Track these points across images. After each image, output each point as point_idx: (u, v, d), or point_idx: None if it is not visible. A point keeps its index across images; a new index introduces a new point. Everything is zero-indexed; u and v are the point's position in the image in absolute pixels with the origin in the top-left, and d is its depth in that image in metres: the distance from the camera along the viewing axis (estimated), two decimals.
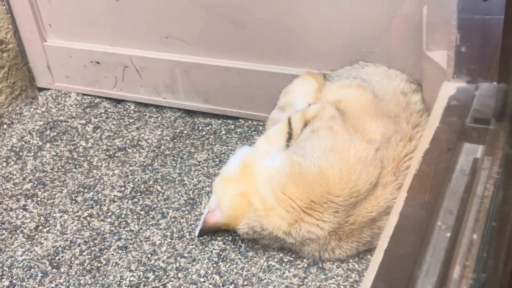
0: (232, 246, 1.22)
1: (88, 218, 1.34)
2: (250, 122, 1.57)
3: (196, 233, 1.23)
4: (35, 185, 1.45)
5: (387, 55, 1.30)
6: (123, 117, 1.66)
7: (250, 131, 1.55)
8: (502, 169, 0.82)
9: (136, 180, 1.42)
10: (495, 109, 0.89)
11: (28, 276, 1.20)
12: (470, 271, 0.73)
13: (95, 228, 1.31)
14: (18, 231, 1.32)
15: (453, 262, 0.74)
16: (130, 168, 1.47)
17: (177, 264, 1.19)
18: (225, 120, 1.60)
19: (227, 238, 1.24)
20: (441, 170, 0.86)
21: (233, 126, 1.58)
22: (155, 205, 1.35)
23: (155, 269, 1.19)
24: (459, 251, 0.75)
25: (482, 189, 0.82)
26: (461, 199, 0.81)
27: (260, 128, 1.52)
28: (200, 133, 1.57)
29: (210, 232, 1.23)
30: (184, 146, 1.53)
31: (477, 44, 0.96)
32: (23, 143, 1.58)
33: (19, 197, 1.41)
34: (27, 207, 1.38)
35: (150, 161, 1.48)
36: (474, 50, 0.95)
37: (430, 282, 0.71)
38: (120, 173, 1.45)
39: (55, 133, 1.61)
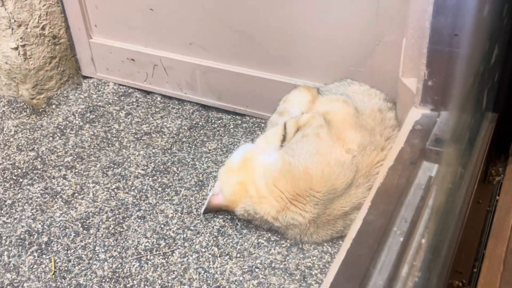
0: (230, 224, 1.23)
1: (115, 190, 1.35)
2: (254, 119, 1.56)
3: (202, 211, 1.24)
4: (74, 158, 1.46)
5: (370, 75, 1.30)
6: (150, 106, 1.66)
7: (254, 127, 1.54)
8: (451, 184, 0.83)
9: (157, 161, 1.43)
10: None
11: (63, 235, 1.22)
12: (416, 270, 0.74)
13: (120, 199, 1.32)
14: (58, 196, 1.33)
15: (402, 262, 0.75)
16: (153, 151, 1.47)
17: (184, 235, 1.21)
18: (234, 116, 1.59)
19: (226, 217, 1.24)
20: (402, 184, 0.86)
21: (240, 122, 1.57)
22: (170, 184, 1.36)
23: (166, 237, 1.20)
24: (409, 253, 0.76)
25: (433, 202, 0.83)
26: (415, 209, 0.81)
27: (262, 125, 1.52)
28: (213, 126, 1.56)
29: (213, 211, 1.24)
30: (198, 135, 1.52)
31: (442, 78, 0.96)
32: (67, 122, 1.58)
33: (60, 167, 1.42)
34: (66, 177, 1.39)
35: (169, 145, 1.49)
36: (439, 83, 0.95)
37: (382, 278, 0.72)
38: (144, 154, 1.46)
39: (94, 116, 1.61)
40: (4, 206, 1.30)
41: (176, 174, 1.39)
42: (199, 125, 1.56)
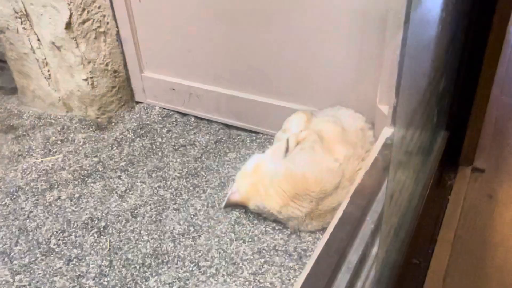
0: (244, 216, 1.24)
1: (157, 188, 1.36)
2: (265, 136, 1.56)
3: (223, 205, 1.26)
4: (127, 163, 1.47)
5: (355, 102, 1.30)
6: (186, 125, 1.66)
7: (265, 142, 1.54)
8: (411, 185, 0.84)
9: (189, 166, 1.44)
10: None
11: (116, 221, 1.24)
12: (383, 250, 0.76)
13: (161, 195, 1.33)
14: (114, 192, 1.35)
15: (373, 243, 0.76)
16: (187, 159, 1.48)
17: (209, 224, 1.22)
18: (250, 133, 1.58)
19: (242, 210, 1.25)
20: (375, 185, 0.88)
21: (254, 137, 1.57)
22: (199, 184, 1.37)
23: (194, 225, 1.22)
24: (378, 237, 0.77)
25: (396, 198, 0.84)
26: (383, 204, 0.83)
27: (271, 140, 1.50)
28: (233, 140, 1.57)
29: (231, 206, 1.25)
30: (222, 147, 1.53)
31: (405, 105, 0.98)
32: (123, 136, 1.60)
33: (116, 170, 1.44)
34: (121, 177, 1.41)
35: (199, 155, 1.49)
36: (403, 109, 0.97)
37: (356, 255, 0.73)
38: (180, 161, 1.47)
39: (143, 132, 1.63)
40: (73, 198, 1.33)
41: (204, 177, 1.40)
42: (222, 140, 1.57)
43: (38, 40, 1.59)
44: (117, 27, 1.63)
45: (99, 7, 1.56)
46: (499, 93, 1.34)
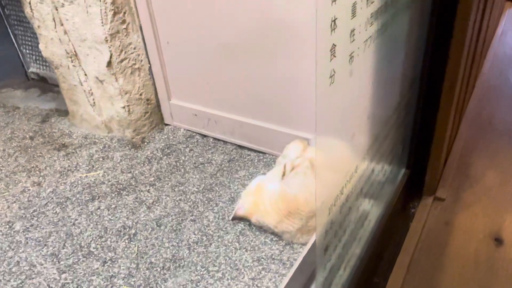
0: (248, 228, 1.29)
1: (178, 200, 1.42)
2: (271, 156, 1.60)
3: (230, 218, 1.31)
4: (155, 179, 1.54)
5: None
6: (205, 145, 1.72)
7: (270, 161, 1.58)
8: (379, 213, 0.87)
9: (206, 182, 1.50)
10: None
11: (144, 229, 1.31)
12: (350, 266, 0.80)
13: (181, 207, 1.39)
14: (143, 203, 1.42)
15: (344, 262, 0.81)
16: (204, 175, 1.54)
17: (218, 233, 1.28)
18: (258, 153, 1.63)
19: (246, 223, 1.31)
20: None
21: (262, 157, 1.61)
22: (213, 198, 1.42)
23: (207, 234, 1.28)
24: (346, 256, 0.82)
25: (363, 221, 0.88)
26: (355, 227, 0.87)
27: (275, 159, 1.53)
28: (244, 160, 1.61)
29: (238, 219, 1.31)
30: (234, 166, 1.58)
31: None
32: (153, 154, 1.68)
33: (146, 184, 1.51)
34: (149, 191, 1.48)
35: (215, 172, 1.55)
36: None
37: (331, 266, 0.78)
38: (199, 177, 1.53)
39: (169, 151, 1.70)
40: (110, 208, 1.42)
41: (217, 192, 1.45)
42: (235, 159, 1.62)
43: (85, 75, 1.71)
44: (149, 63, 1.72)
45: (134, 48, 1.66)
46: (467, 127, 1.35)
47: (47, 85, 2.31)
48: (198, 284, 1.14)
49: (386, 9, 0.56)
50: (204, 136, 1.77)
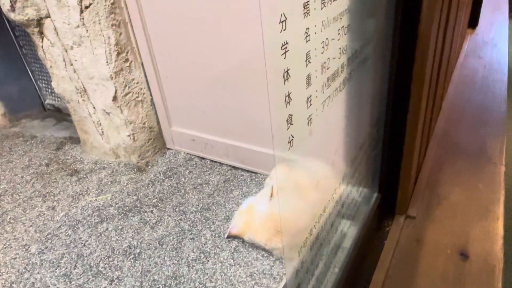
0: (241, 245, 1.27)
1: (179, 220, 1.41)
2: (262, 176, 1.59)
3: (226, 236, 1.30)
4: (158, 200, 1.53)
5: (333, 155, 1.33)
6: (203, 167, 1.71)
7: (262, 181, 1.57)
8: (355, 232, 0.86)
9: (204, 202, 1.49)
10: None
11: (148, 248, 1.30)
12: (329, 284, 0.79)
13: (181, 226, 1.38)
14: (147, 224, 1.40)
15: (325, 279, 0.80)
16: (202, 195, 1.52)
17: (215, 251, 1.26)
18: (250, 173, 1.62)
19: (240, 240, 1.29)
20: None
21: (254, 177, 1.60)
22: (210, 217, 1.41)
23: (204, 252, 1.26)
24: (328, 272, 0.81)
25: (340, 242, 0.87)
26: (333, 248, 0.86)
27: (265, 179, 1.52)
28: (238, 180, 1.60)
29: (232, 237, 1.29)
30: (229, 186, 1.56)
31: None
32: (156, 177, 1.66)
33: (150, 206, 1.50)
34: (153, 212, 1.46)
35: (212, 192, 1.54)
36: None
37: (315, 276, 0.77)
38: (197, 197, 1.52)
39: (171, 173, 1.68)
40: (117, 229, 1.41)
41: (214, 211, 1.44)
42: (230, 179, 1.60)
43: (93, 108, 1.71)
44: (151, 95, 1.72)
45: (137, 83, 1.66)
46: (436, 146, 1.36)
47: (61, 115, 2.32)
48: None
49: (343, 70, 0.55)
50: (202, 158, 1.76)
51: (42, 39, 1.61)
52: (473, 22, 2.61)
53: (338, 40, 0.53)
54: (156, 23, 1.51)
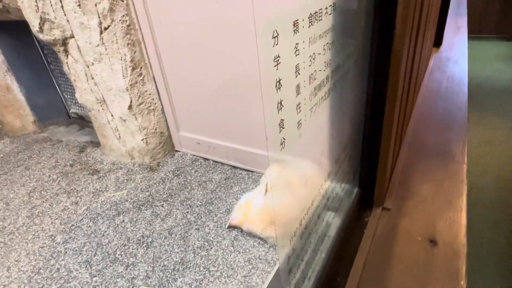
0: (240, 234, 1.26)
1: (186, 213, 1.38)
2: (258, 174, 1.57)
3: (226, 226, 1.28)
4: (167, 195, 1.50)
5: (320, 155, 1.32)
6: (207, 167, 1.68)
7: (258, 178, 1.55)
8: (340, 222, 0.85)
9: (207, 197, 1.46)
10: None
11: (158, 237, 1.27)
12: (315, 270, 0.77)
13: (187, 218, 1.35)
14: (158, 216, 1.37)
15: (313, 264, 0.78)
16: (206, 191, 1.50)
17: (217, 239, 1.24)
18: (248, 172, 1.60)
19: (239, 230, 1.27)
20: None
21: (252, 175, 1.57)
22: (213, 210, 1.38)
23: (208, 241, 1.24)
24: (313, 261, 0.79)
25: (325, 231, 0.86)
26: (319, 236, 0.85)
27: (261, 176, 1.51)
28: (237, 177, 1.58)
29: (232, 227, 1.27)
30: (229, 183, 1.54)
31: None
32: (166, 176, 1.64)
33: (161, 200, 1.47)
34: (163, 206, 1.43)
35: (215, 188, 1.51)
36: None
37: (304, 264, 0.75)
38: (202, 193, 1.49)
39: (179, 172, 1.66)
40: (132, 221, 1.38)
41: (216, 205, 1.42)
42: (230, 177, 1.58)
43: (112, 116, 1.69)
44: (161, 105, 1.70)
45: (149, 94, 1.64)
46: (407, 147, 1.35)
47: (84, 122, 2.29)
48: (201, 282, 1.10)
49: (328, 81, 0.55)
50: (206, 159, 1.74)
51: (67, 56, 1.60)
52: (438, 41, 2.63)
53: (324, 54, 0.52)
54: (166, 42, 1.50)
